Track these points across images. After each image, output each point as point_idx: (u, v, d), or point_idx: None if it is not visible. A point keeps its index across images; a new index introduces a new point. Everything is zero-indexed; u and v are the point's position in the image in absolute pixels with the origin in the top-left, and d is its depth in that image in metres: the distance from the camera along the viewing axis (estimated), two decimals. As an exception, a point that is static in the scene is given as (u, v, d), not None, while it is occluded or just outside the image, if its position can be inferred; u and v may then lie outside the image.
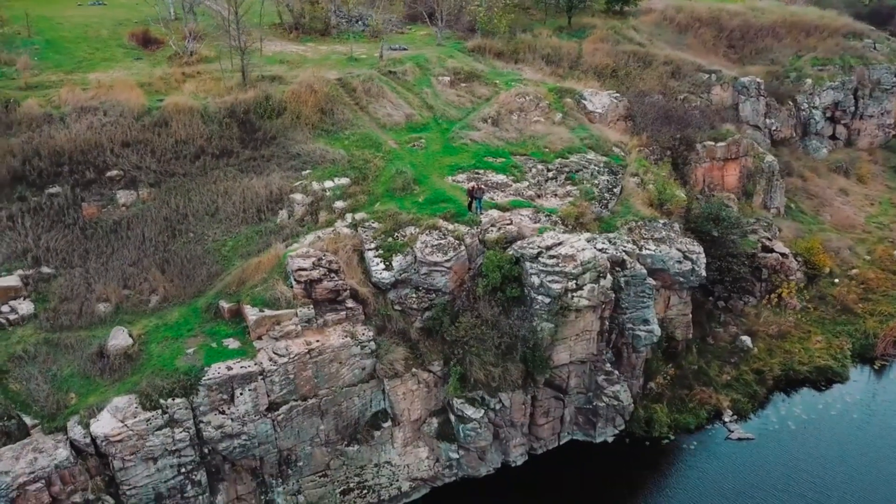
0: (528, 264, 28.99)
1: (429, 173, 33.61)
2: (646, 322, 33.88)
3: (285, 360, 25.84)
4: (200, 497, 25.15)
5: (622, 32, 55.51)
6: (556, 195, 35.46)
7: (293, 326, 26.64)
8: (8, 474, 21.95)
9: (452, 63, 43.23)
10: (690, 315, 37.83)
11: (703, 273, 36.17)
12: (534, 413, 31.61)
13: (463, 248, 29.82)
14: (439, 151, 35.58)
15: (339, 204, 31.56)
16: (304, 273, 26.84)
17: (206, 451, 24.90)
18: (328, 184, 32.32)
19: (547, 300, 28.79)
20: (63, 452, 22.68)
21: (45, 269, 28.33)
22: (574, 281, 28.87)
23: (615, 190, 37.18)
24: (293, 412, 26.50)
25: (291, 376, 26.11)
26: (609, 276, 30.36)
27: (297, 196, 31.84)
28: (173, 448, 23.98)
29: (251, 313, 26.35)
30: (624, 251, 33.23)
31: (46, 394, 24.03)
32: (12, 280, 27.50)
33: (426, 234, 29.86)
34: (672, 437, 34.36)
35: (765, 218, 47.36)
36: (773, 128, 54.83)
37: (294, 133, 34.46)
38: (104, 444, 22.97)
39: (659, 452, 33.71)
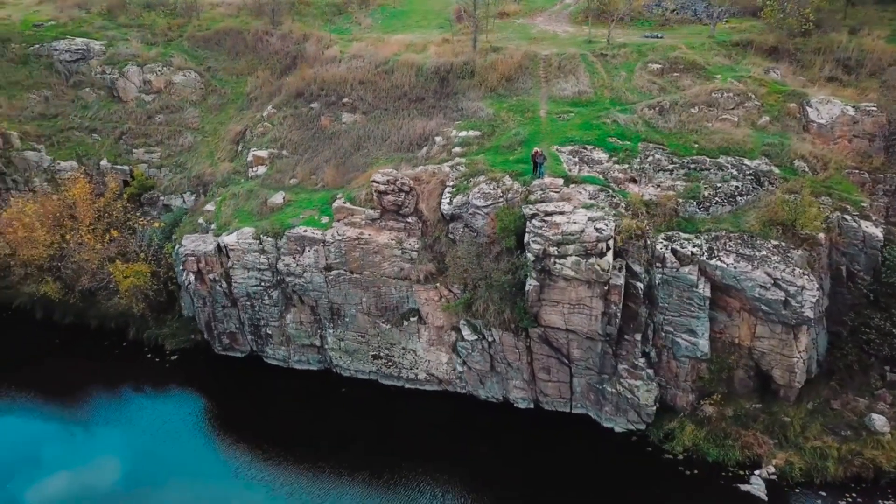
0: (527, 223, 32.47)
1: (541, 140, 38.09)
2: (691, 332, 32.94)
3: (340, 238, 36.38)
4: (273, 308, 38.33)
5: None
6: (659, 186, 35.61)
7: (359, 220, 36.80)
8: (184, 247, 38.77)
9: (678, 54, 43.64)
10: (798, 360, 33.29)
11: (807, 313, 31.79)
12: (532, 364, 34.82)
13: (503, 199, 34.69)
14: (576, 125, 39.07)
15: (457, 150, 39.28)
16: (374, 185, 36.40)
17: (279, 279, 37.68)
18: (462, 133, 40.14)
19: (531, 258, 32.01)
20: (211, 247, 38.37)
21: (283, 153, 44.35)
22: (555, 247, 31.24)
23: (739, 198, 34.76)
24: (341, 278, 37.00)
25: (343, 252, 36.54)
26: (610, 257, 31.19)
27: (438, 139, 40.67)
28: (259, 267, 37.50)
29: (337, 203, 37.46)
30: (672, 250, 32.53)
31: (228, 214, 40.08)
32: (264, 153, 44.23)
33: (486, 184, 35.65)
34: (680, 457, 32.77)
35: None
36: None
37: (470, 92, 42.79)
38: (227, 249, 37.83)
39: (653, 461, 33.01)
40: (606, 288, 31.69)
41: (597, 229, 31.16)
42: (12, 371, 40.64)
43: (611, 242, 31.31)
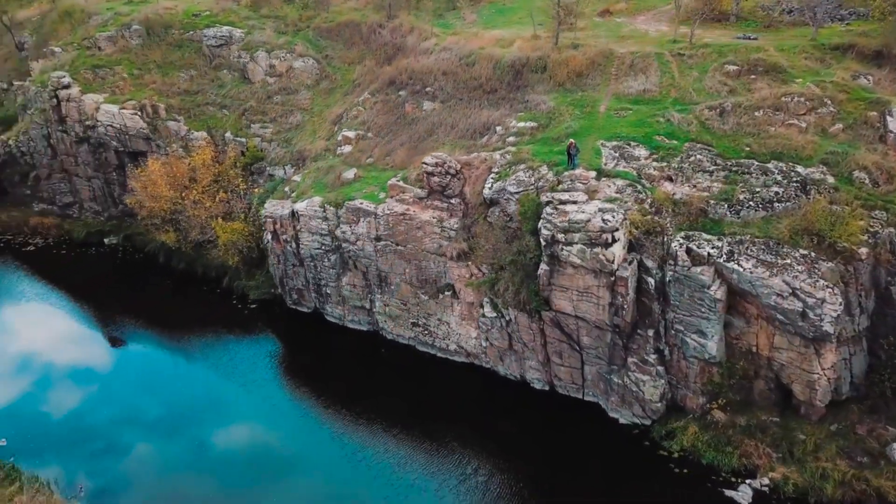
0: (543, 209, 33.95)
1: (590, 133, 39.08)
2: (700, 333, 33.00)
3: (388, 213, 39.99)
4: (332, 270, 42.83)
5: None
6: (695, 186, 35.42)
7: (408, 197, 40.18)
8: (268, 209, 44.38)
9: (759, 56, 42.21)
10: (821, 378, 32.11)
11: (827, 328, 30.72)
12: (546, 347, 36.24)
13: (533, 187, 36.36)
14: (629, 122, 39.49)
15: (511, 139, 41.30)
16: (424, 167, 39.53)
17: (336, 244, 42.06)
18: (520, 124, 42.05)
19: (543, 243, 33.52)
20: (286, 211, 43.63)
21: (368, 134, 48.81)
22: (562, 234, 32.52)
23: (777, 204, 33.76)
24: (388, 249, 40.61)
25: (390, 225, 40.10)
26: (617, 249, 31.93)
27: (499, 128, 42.89)
28: (321, 232, 42.12)
29: (392, 181, 41.10)
30: (687, 250, 32.54)
31: (307, 185, 45.16)
32: (352, 134, 48.97)
33: (523, 171, 37.50)
34: (675, 456, 32.89)
35: None
36: None
37: (538, 86, 44.43)
38: (298, 214, 42.86)
39: (647, 456, 33.39)
40: (613, 279, 32.47)
41: (603, 220, 32.05)
42: (135, 305, 48.84)
43: (618, 234, 32.02)
